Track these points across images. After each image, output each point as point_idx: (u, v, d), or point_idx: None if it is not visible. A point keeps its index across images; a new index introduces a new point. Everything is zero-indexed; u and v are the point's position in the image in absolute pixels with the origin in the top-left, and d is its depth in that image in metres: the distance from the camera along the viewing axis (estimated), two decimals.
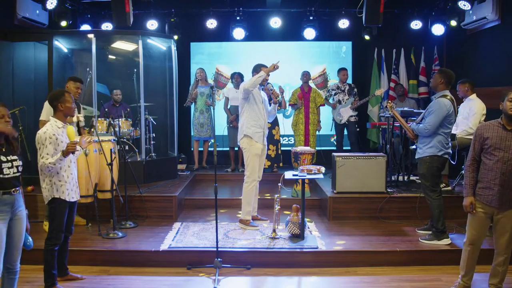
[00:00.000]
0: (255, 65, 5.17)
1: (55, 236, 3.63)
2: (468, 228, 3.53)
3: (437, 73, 4.62)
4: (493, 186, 3.34)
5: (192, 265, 4.23)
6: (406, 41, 8.22)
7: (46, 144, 3.50)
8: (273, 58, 7.61)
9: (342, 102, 7.35)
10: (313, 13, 7.73)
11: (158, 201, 5.53)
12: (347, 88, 7.40)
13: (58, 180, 3.60)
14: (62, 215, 3.66)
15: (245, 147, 5.00)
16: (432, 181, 4.53)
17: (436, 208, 4.50)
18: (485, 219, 3.44)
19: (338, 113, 7.36)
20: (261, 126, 5.00)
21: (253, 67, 5.17)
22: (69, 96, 3.68)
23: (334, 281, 4.00)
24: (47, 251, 3.63)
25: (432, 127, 4.39)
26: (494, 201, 3.35)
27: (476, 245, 3.50)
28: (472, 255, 3.51)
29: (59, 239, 3.65)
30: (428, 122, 4.42)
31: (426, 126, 4.42)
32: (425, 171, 4.52)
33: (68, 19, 6.80)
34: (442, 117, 4.37)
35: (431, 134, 4.44)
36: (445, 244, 4.45)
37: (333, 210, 5.40)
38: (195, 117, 7.38)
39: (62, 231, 3.67)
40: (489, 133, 3.38)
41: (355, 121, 7.35)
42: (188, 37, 8.25)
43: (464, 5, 6.63)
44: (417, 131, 4.58)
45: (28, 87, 6.67)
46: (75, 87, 4.90)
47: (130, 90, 6.91)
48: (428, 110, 4.49)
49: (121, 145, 5.32)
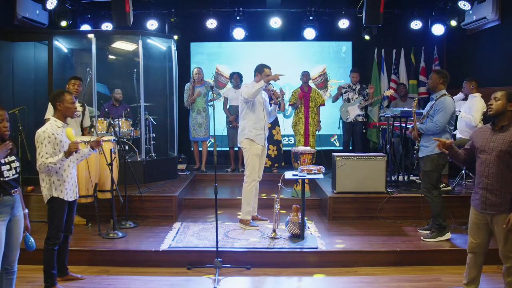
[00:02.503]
0: (258, 65, 5.11)
1: (54, 236, 3.63)
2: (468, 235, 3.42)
3: (434, 73, 4.68)
4: (478, 190, 3.26)
5: (192, 265, 4.22)
6: (406, 41, 8.23)
7: (45, 143, 3.50)
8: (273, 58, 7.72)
9: (351, 100, 7.33)
10: (313, 13, 7.73)
11: (158, 201, 5.53)
12: (358, 87, 7.36)
13: (57, 180, 3.60)
14: (61, 215, 3.65)
15: (246, 147, 5.00)
16: (436, 178, 4.58)
17: (437, 205, 4.55)
18: (482, 226, 3.27)
19: (346, 111, 7.33)
20: (262, 128, 5.01)
21: (256, 67, 5.12)
22: (69, 97, 3.66)
23: (334, 281, 4.00)
24: (46, 250, 3.63)
25: (443, 124, 4.47)
26: (478, 205, 3.24)
27: (477, 253, 3.33)
28: (474, 263, 3.35)
29: (59, 239, 3.65)
30: (438, 120, 4.47)
31: (437, 124, 4.46)
32: (432, 168, 4.55)
33: (68, 19, 6.81)
34: (450, 114, 4.48)
35: (440, 132, 4.49)
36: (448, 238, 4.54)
37: (333, 210, 5.40)
38: (192, 118, 7.34)
39: (62, 230, 3.67)
40: (477, 136, 3.32)
41: (362, 121, 7.33)
42: (188, 37, 8.26)
43: (464, 5, 6.63)
44: (426, 129, 4.57)
45: (28, 87, 6.67)
46: (72, 84, 4.95)
47: (130, 90, 6.91)
48: (435, 108, 4.53)
49: (121, 145, 5.32)
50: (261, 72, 4.99)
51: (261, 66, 5.05)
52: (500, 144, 3.12)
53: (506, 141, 3.11)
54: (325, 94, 8.31)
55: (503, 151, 3.10)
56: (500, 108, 3.14)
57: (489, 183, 3.17)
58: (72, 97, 3.70)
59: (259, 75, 5.00)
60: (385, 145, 6.31)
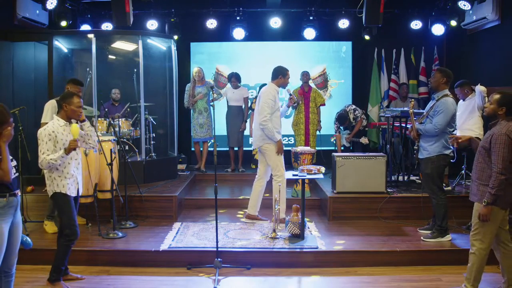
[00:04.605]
0: (282, 68, 5.13)
1: (70, 232, 3.65)
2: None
3: (437, 72, 4.61)
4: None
5: (192, 265, 4.22)
6: (406, 41, 8.22)
7: (46, 141, 3.58)
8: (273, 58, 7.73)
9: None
10: (313, 13, 7.73)
11: (158, 201, 5.53)
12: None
13: (58, 176, 3.66)
14: (70, 209, 3.69)
15: (268, 150, 5.06)
16: (439, 180, 4.56)
17: (443, 207, 4.53)
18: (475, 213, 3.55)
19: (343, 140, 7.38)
20: (280, 131, 5.14)
21: (280, 68, 5.13)
22: (77, 100, 3.72)
23: (334, 281, 4.00)
24: (61, 246, 3.67)
25: (442, 127, 4.42)
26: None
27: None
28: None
29: (75, 234, 3.68)
30: (438, 122, 4.42)
31: (436, 126, 4.42)
32: (432, 171, 4.53)
33: (68, 19, 6.80)
34: (450, 117, 4.44)
35: (439, 134, 4.46)
36: (449, 240, 4.53)
37: (333, 210, 5.40)
38: (193, 118, 7.34)
39: (75, 224, 3.70)
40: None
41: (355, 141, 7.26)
42: (188, 37, 8.26)
43: (464, 5, 6.63)
44: (425, 131, 4.54)
45: (28, 87, 6.68)
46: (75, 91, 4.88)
47: (130, 90, 6.91)
48: (436, 110, 4.48)
49: (121, 145, 5.32)
50: (285, 76, 5.09)
51: (286, 70, 5.13)
52: (483, 141, 3.42)
53: (485, 138, 3.41)
54: (325, 94, 8.31)
55: (481, 146, 3.43)
56: (491, 112, 3.43)
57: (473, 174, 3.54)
58: (80, 101, 3.75)
59: (283, 78, 5.08)
60: (385, 145, 6.30)
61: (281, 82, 5.09)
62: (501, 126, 3.31)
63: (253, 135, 5.28)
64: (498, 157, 3.25)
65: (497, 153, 3.25)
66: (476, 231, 3.43)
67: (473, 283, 3.44)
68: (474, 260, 3.43)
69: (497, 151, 3.25)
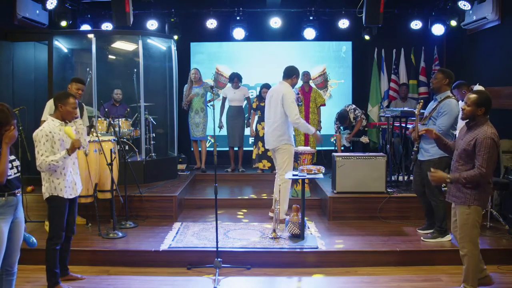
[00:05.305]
0: (293, 67, 5.20)
1: (56, 235, 3.63)
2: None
3: (440, 73, 4.57)
4: None
5: (192, 265, 4.22)
6: (406, 41, 8.22)
7: (43, 142, 3.50)
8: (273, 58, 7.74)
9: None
10: (313, 13, 7.72)
11: (158, 201, 5.53)
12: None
13: (56, 178, 3.61)
14: (62, 214, 3.65)
15: (285, 150, 5.12)
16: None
17: (442, 208, 4.52)
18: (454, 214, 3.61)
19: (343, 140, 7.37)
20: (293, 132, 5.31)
21: (292, 68, 5.19)
22: (73, 101, 3.65)
23: (334, 281, 4.00)
24: (48, 250, 3.63)
25: (446, 128, 4.40)
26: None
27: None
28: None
29: (60, 238, 3.65)
30: (442, 123, 4.40)
31: (440, 127, 4.38)
32: None
33: (68, 19, 6.81)
34: (454, 118, 4.42)
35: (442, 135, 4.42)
36: (448, 240, 4.53)
37: (333, 210, 5.40)
38: (190, 117, 7.36)
39: (63, 229, 3.67)
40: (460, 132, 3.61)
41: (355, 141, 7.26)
42: (188, 37, 8.26)
43: (464, 5, 6.63)
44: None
45: (28, 87, 6.67)
46: (76, 88, 4.90)
47: (130, 90, 6.91)
48: (439, 111, 4.45)
49: (121, 145, 5.32)
50: (298, 76, 5.21)
51: (298, 71, 5.23)
52: (465, 144, 3.37)
53: (467, 141, 3.36)
54: (325, 94, 8.31)
55: (463, 149, 3.38)
56: (469, 113, 3.38)
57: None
58: (76, 102, 3.70)
59: (296, 78, 5.18)
60: (385, 145, 6.30)
61: (294, 82, 5.18)
62: (485, 129, 3.29)
63: (269, 136, 5.22)
64: (483, 161, 3.24)
65: (482, 156, 3.24)
66: (463, 234, 3.43)
67: (472, 283, 3.43)
68: (469, 261, 3.41)
69: (482, 154, 3.24)
